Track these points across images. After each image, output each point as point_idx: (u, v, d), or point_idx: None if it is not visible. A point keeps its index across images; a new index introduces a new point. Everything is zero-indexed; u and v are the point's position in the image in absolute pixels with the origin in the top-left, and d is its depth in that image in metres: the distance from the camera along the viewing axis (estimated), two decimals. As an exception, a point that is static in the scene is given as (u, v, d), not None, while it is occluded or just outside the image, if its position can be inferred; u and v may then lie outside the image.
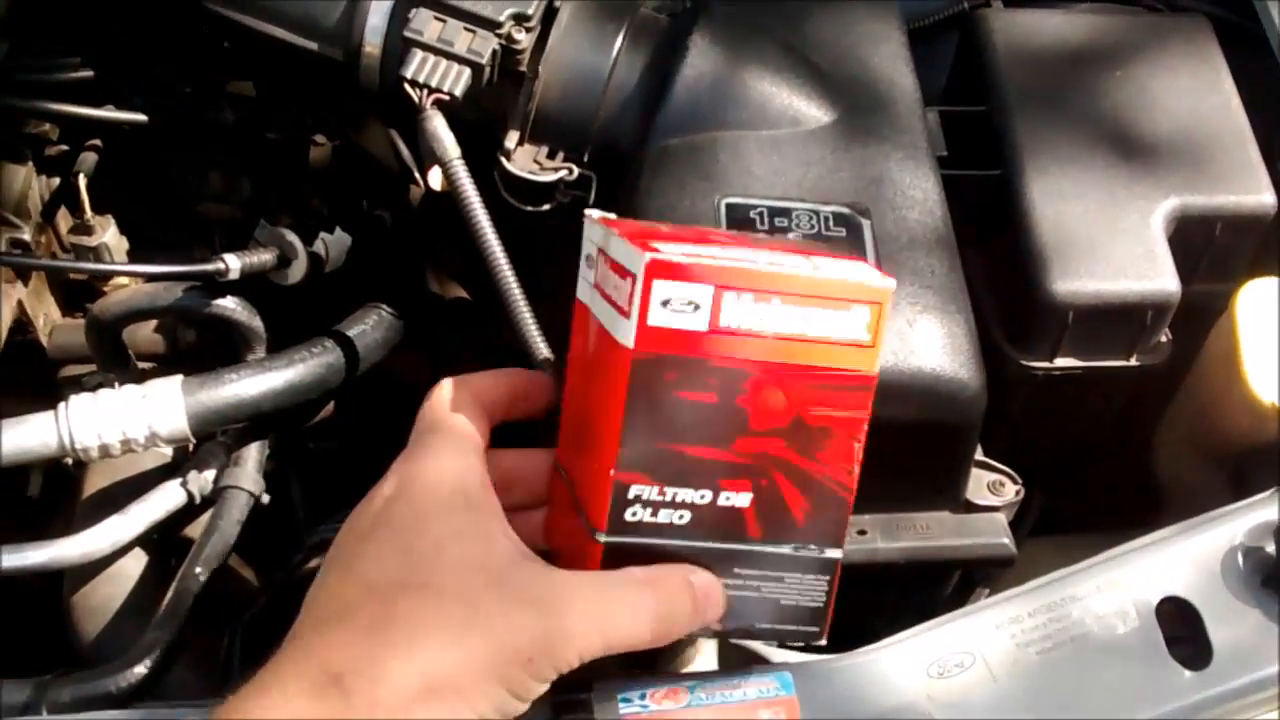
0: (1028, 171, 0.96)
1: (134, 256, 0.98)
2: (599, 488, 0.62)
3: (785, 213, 0.85)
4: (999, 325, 0.97)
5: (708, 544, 0.64)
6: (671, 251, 0.60)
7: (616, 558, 0.63)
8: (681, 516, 0.63)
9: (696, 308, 0.60)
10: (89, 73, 0.95)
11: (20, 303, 0.92)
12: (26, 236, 0.90)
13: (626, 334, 0.60)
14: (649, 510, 0.63)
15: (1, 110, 0.90)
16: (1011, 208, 0.96)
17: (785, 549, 0.66)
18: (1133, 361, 0.98)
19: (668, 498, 0.63)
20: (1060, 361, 0.97)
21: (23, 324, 0.92)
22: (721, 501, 0.64)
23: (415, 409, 0.68)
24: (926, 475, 0.87)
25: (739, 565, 0.65)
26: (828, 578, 0.67)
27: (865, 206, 0.86)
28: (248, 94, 1.05)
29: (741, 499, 0.64)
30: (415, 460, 0.64)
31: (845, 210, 0.86)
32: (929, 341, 0.81)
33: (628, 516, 0.63)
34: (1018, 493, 0.91)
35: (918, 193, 0.88)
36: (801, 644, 0.69)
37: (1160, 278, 0.93)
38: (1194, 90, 1.02)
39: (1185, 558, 0.79)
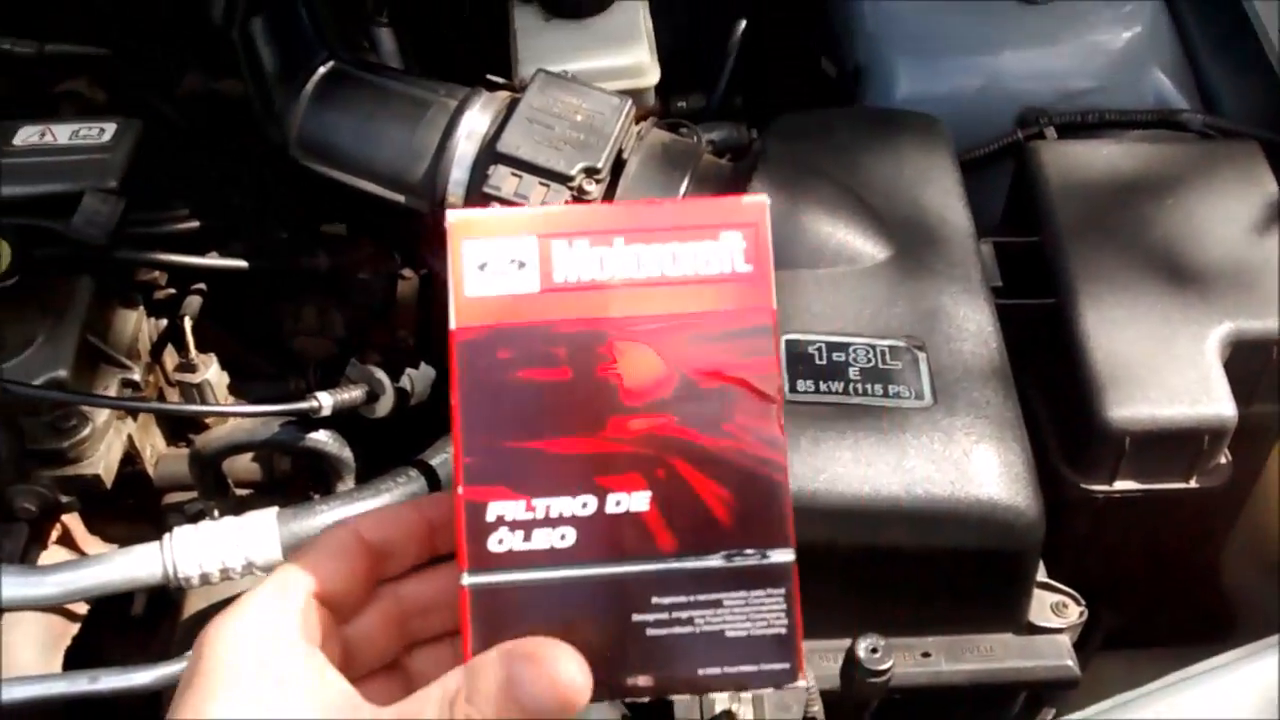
0: (1082, 300, 0.99)
1: (234, 390, 1.05)
2: (457, 512, 0.50)
3: (843, 347, 0.89)
4: (1058, 450, 1.00)
5: (605, 570, 0.50)
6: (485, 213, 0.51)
7: (489, 608, 0.49)
8: (564, 536, 0.50)
9: (522, 265, 0.50)
10: (195, 224, 1.03)
11: (130, 437, 0.99)
12: (137, 376, 0.97)
13: (450, 310, 0.50)
14: (519, 534, 0.49)
15: (118, 262, 0.98)
16: (1067, 336, 0.98)
17: (713, 561, 0.50)
18: (1192, 484, 0.99)
19: (540, 514, 0.50)
20: (1120, 485, 0.98)
21: (131, 456, 0.99)
22: (611, 508, 0.50)
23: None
24: (989, 599, 0.89)
25: (656, 593, 0.50)
26: (783, 591, 0.51)
27: (921, 340, 0.90)
28: (340, 234, 1.12)
29: (637, 500, 0.50)
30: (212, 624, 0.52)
31: (901, 344, 0.89)
32: (986, 470, 0.84)
33: (492, 546, 0.49)
34: (1081, 614, 0.92)
35: (972, 325, 0.91)
36: (772, 686, 0.52)
37: (1216, 403, 0.95)
38: (1246, 215, 1.05)
39: (1251, 683, 0.80)
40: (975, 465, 0.84)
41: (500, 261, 0.50)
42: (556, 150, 0.92)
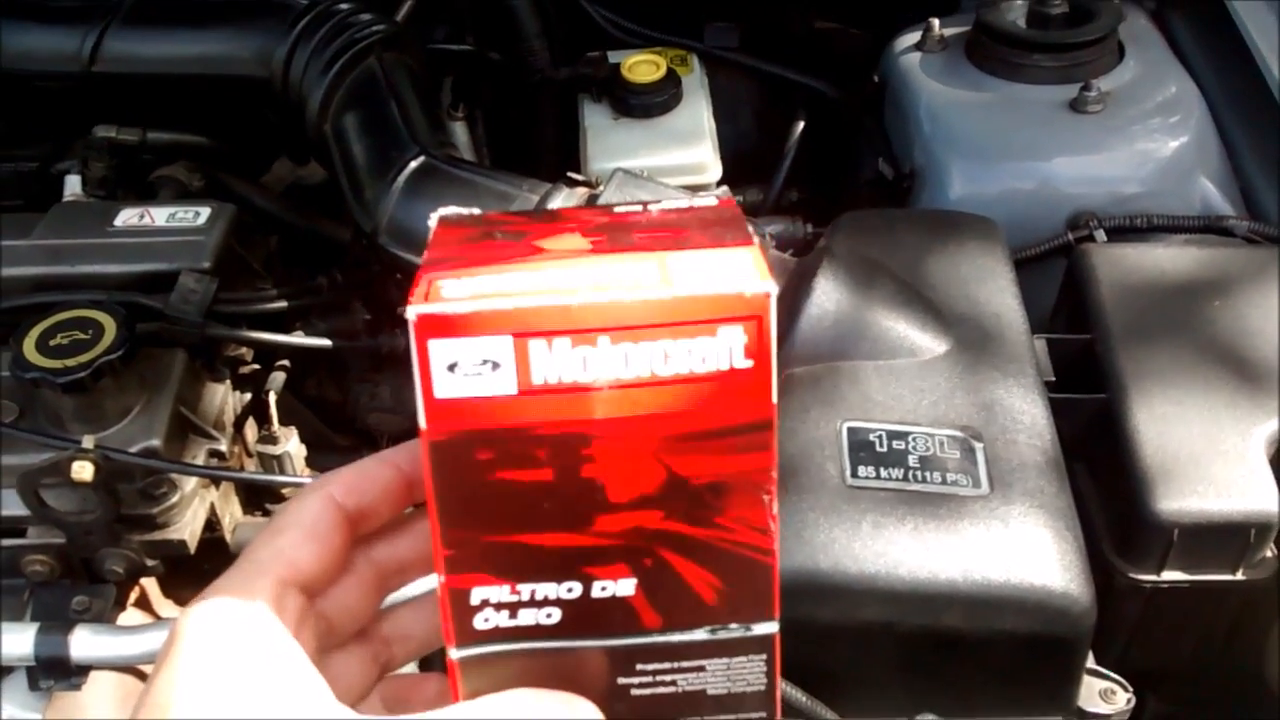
0: (1132, 396, 1.01)
1: (311, 462, 1.09)
2: (441, 595, 0.49)
3: (903, 435, 0.92)
4: (1108, 539, 1.01)
5: (591, 642, 0.50)
6: (454, 292, 0.46)
7: (479, 674, 0.50)
8: (549, 615, 0.50)
9: (496, 366, 0.45)
10: (282, 304, 1.09)
11: (212, 505, 1.03)
12: (223, 447, 1.02)
13: (419, 411, 0.47)
14: (505, 613, 0.49)
15: (210, 339, 1.03)
16: (1117, 430, 1.01)
17: (698, 635, 0.51)
18: (1239, 576, 1.00)
19: (525, 596, 0.49)
20: (1167, 575, 0.99)
21: (211, 523, 1.03)
22: (598, 593, 0.49)
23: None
24: (1040, 683, 0.91)
25: (640, 660, 0.51)
26: (764, 656, 0.52)
27: (978, 430, 0.93)
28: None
29: (624, 587, 0.49)
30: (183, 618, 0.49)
31: (959, 434, 0.93)
32: (1041, 558, 0.86)
33: (478, 624, 0.49)
34: (1129, 701, 0.94)
35: (1027, 417, 0.95)
36: None
37: (1262, 498, 0.97)
38: (1292, 318, 1.08)
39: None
40: (1030, 553, 0.87)
41: (471, 363, 0.45)
42: (632, 243, 0.96)
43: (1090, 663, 0.94)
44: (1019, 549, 0.87)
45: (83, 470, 0.88)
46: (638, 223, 0.53)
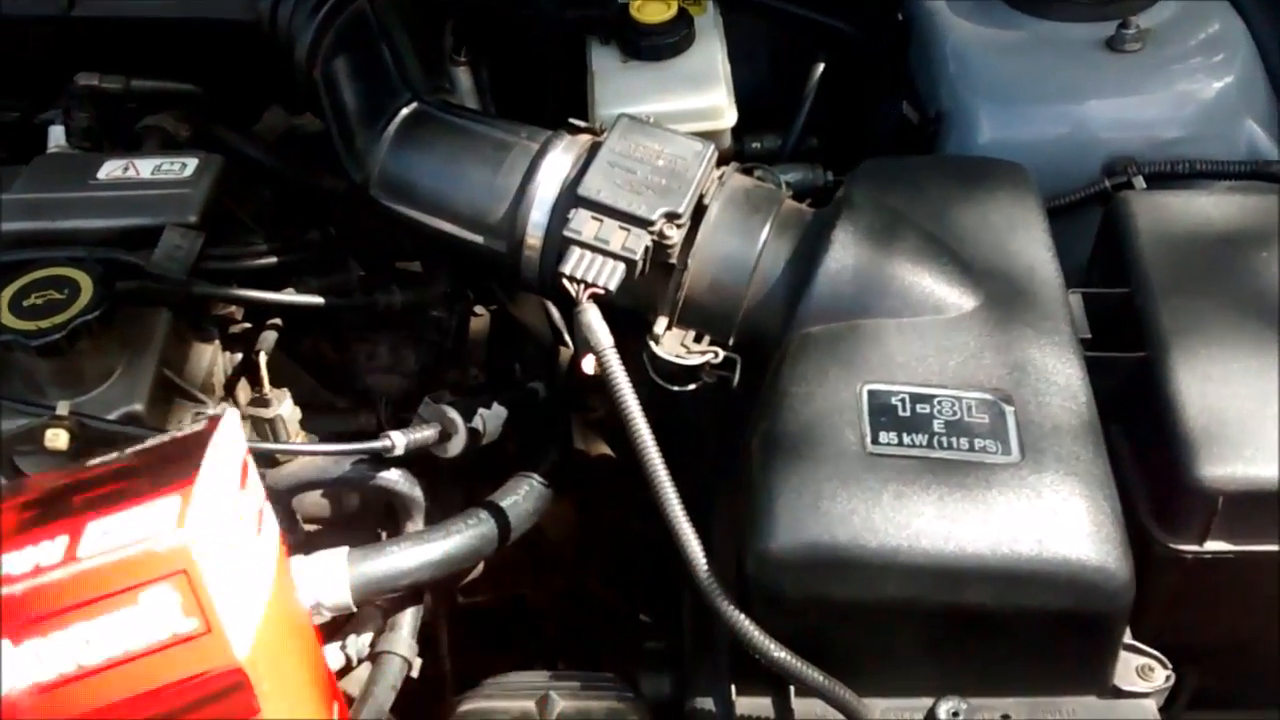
0: (1173, 354, 0.96)
1: (306, 425, 1.05)
2: None
3: (927, 399, 0.87)
4: (1146, 507, 0.96)
5: None
6: None
7: None
8: None
9: None
10: (272, 260, 1.03)
11: (202, 471, 0.98)
12: (211, 410, 0.97)
13: None
14: None
15: (196, 297, 0.98)
16: (1157, 390, 0.95)
17: None
18: (1286, 547, 0.95)
19: None
20: (1210, 545, 0.95)
21: (203, 491, 0.99)
22: None
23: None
24: (1074, 661, 0.87)
25: None
26: None
27: (1008, 393, 0.87)
28: (414, 271, 1.12)
29: None
30: None
31: (988, 397, 0.87)
32: (1075, 529, 0.82)
33: None
34: (1168, 679, 0.90)
35: (1061, 378, 0.89)
36: None
37: (1314, 463, 0.92)
38: (1344, 269, 1.01)
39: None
40: (1063, 524, 0.82)
41: None
42: (638, 195, 0.91)
43: (1127, 637, 0.89)
44: (1052, 520, 0.82)
45: (57, 438, 0.84)
46: (93, 478, 0.49)
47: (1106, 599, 0.82)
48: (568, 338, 1.21)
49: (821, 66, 1.36)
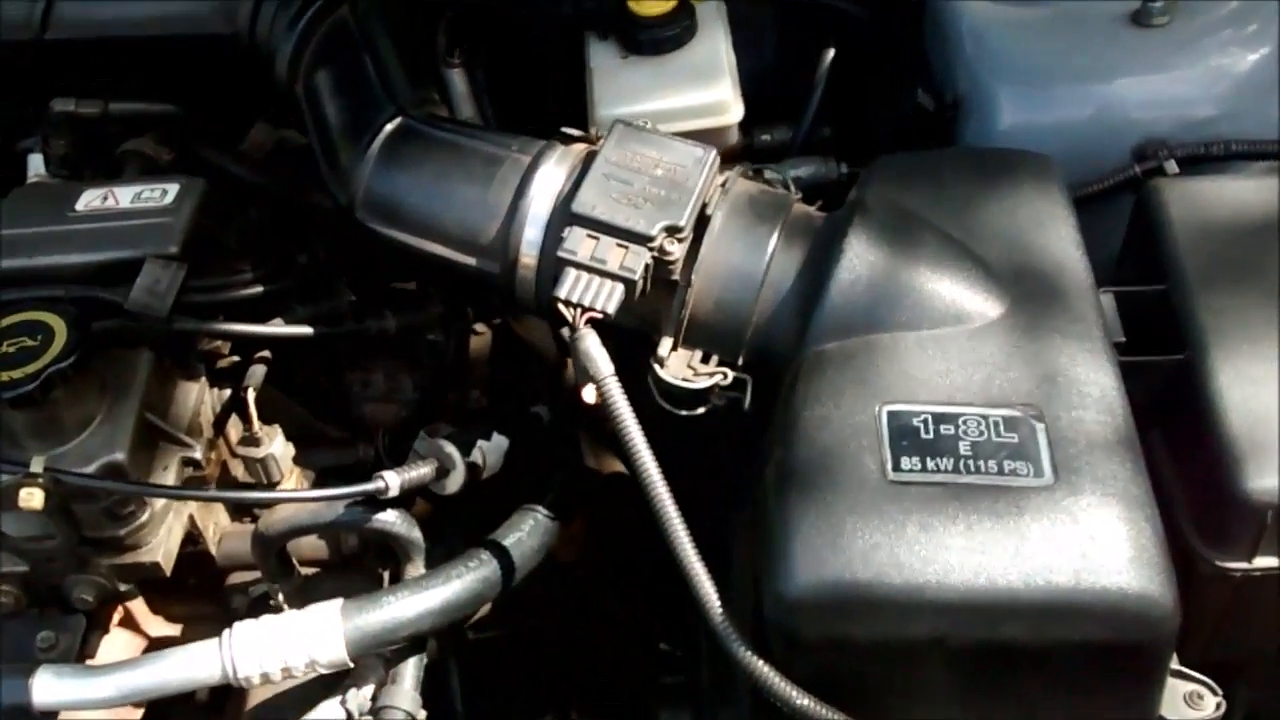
0: (1214, 355, 0.90)
1: (300, 460, 1.01)
2: None
3: (952, 419, 0.81)
4: (1190, 522, 0.91)
5: None
6: None
7: None
8: None
9: None
10: (259, 289, 0.99)
11: (191, 516, 0.94)
12: (198, 454, 0.93)
13: None
14: None
15: (179, 334, 0.94)
16: (1199, 396, 0.90)
17: None
18: (1344, 560, 0.90)
19: None
20: (1260, 562, 0.89)
21: (193, 536, 0.95)
22: None
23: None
24: (1116, 695, 0.81)
25: None
26: None
27: (1039, 408, 0.82)
28: (409, 290, 1.08)
29: None
30: None
31: (1017, 413, 0.82)
32: (1115, 556, 0.76)
33: None
34: (1219, 706, 0.85)
35: (1095, 389, 0.83)
36: None
37: (1370, 470, 0.86)
38: (1393, 255, 0.95)
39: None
40: (1102, 550, 0.76)
41: None
42: (636, 208, 0.85)
43: (1173, 663, 0.83)
44: (1089, 546, 0.77)
45: (31, 498, 0.80)
46: None
47: (1151, 628, 0.76)
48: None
49: (832, 53, 1.30)
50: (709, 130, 1.19)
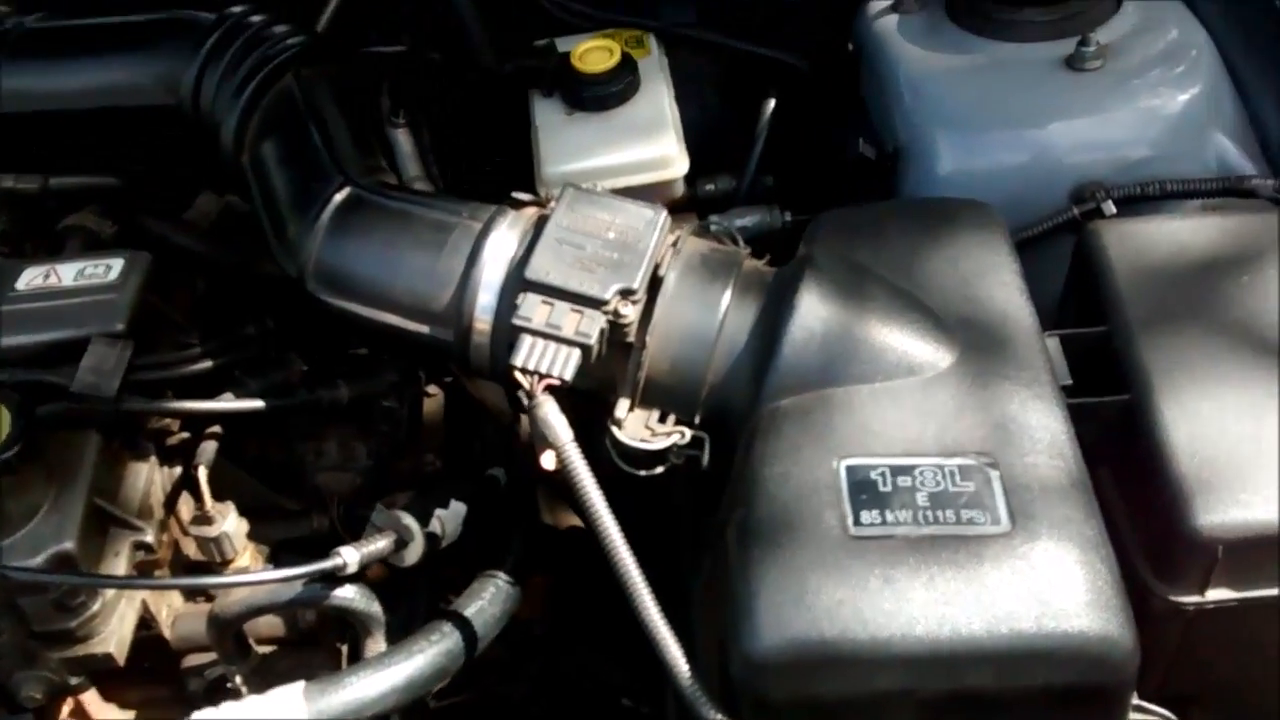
0: (1159, 394, 0.92)
1: (254, 535, 0.99)
2: None
3: (908, 470, 0.82)
4: (1142, 558, 0.92)
5: None
6: None
7: None
8: None
9: None
10: (208, 364, 0.98)
11: (144, 601, 0.92)
12: (149, 538, 0.91)
13: None
14: None
15: (127, 415, 0.92)
16: (1145, 435, 0.91)
17: None
18: (1291, 588, 0.91)
19: None
20: (1212, 595, 0.90)
21: (146, 620, 0.93)
22: None
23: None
24: (1081, 733, 0.82)
25: None
26: None
27: (993, 457, 0.83)
28: (361, 356, 1.07)
29: None
30: None
31: (971, 462, 0.82)
32: (1074, 600, 0.77)
33: None
34: (1176, 738, 0.85)
35: (1045, 434, 0.85)
36: None
37: (1315, 504, 0.87)
38: (1329, 285, 0.97)
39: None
40: (1062, 595, 0.77)
41: None
42: (589, 272, 0.85)
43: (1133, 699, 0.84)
44: (1049, 592, 0.77)
45: (-24, 595, 0.78)
46: None
47: (1113, 670, 0.77)
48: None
49: (773, 103, 1.32)
50: (655, 184, 1.20)
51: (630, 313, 0.86)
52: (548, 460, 0.82)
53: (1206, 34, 1.20)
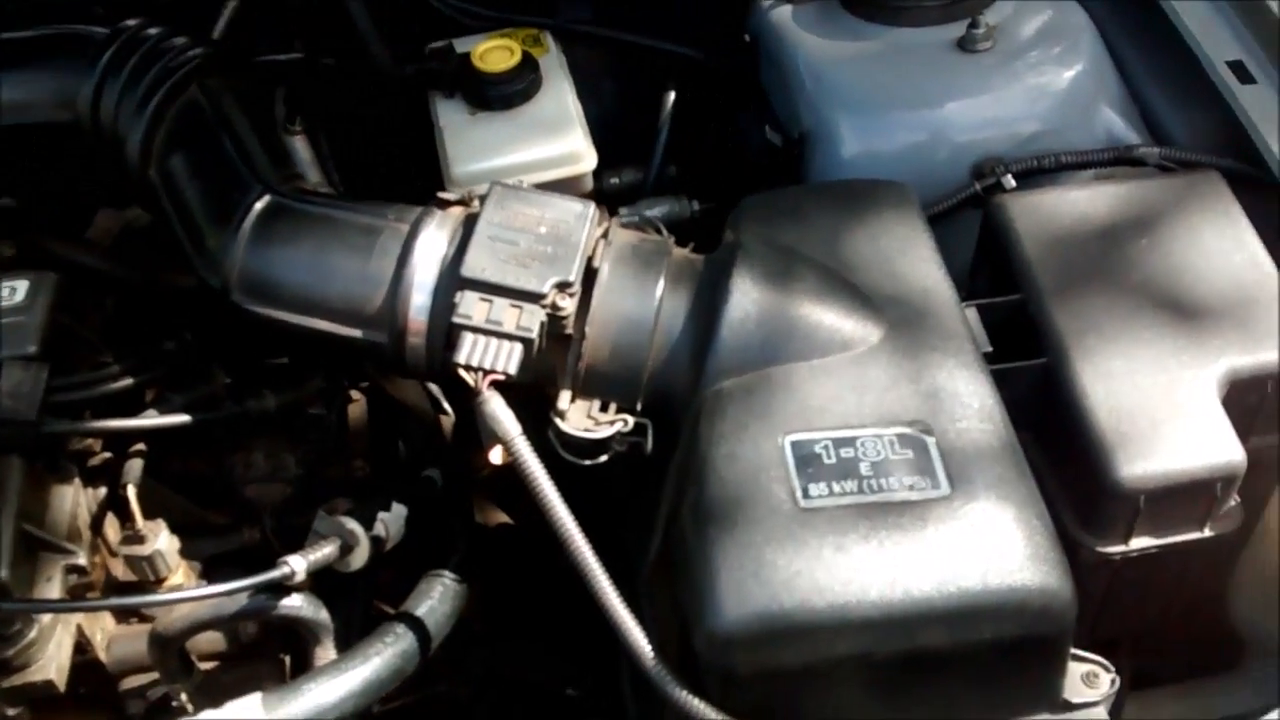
0: (1074, 356, 0.96)
1: (186, 552, 0.96)
2: None
3: (850, 442, 0.84)
4: (1069, 513, 0.96)
5: None
6: None
7: None
8: None
9: None
10: (128, 381, 0.95)
11: (79, 626, 0.89)
12: (82, 560, 0.88)
13: None
14: None
15: (49, 437, 0.89)
16: (1063, 396, 0.95)
17: None
18: (1207, 533, 0.96)
19: None
20: (1135, 543, 0.95)
21: (82, 646, 0.90)
22: None
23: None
24: (1024, 683, 0.85)
25: None
26: None
27: (928, 424, 0.85)
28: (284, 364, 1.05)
29: None
30: None
31: (909, 430, 0.85)
32: (1014, 556, 0.80)
33: None
34: (1113, 683, 0.89)
35: (974, 400, 0.88)
36: None
37: (1226, 449, 0.92)
38: (1221, 248, 1.03)
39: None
40: (1003, 552, 0.80)
41: None
42: (525, 267, 0.85)
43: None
44: (991, 550, 0.80)
45: (-93, 634, 0.74)
46: None
47: (1054, 620, 0.81)
48: (447, 406, 1.15)
49: (673, 95, 1.33)
50: (565, 179, 1.20)
51: (568, 305, 0.86)
52: (495, 455, 0.82)
53: (1085, 14, 1.25)
